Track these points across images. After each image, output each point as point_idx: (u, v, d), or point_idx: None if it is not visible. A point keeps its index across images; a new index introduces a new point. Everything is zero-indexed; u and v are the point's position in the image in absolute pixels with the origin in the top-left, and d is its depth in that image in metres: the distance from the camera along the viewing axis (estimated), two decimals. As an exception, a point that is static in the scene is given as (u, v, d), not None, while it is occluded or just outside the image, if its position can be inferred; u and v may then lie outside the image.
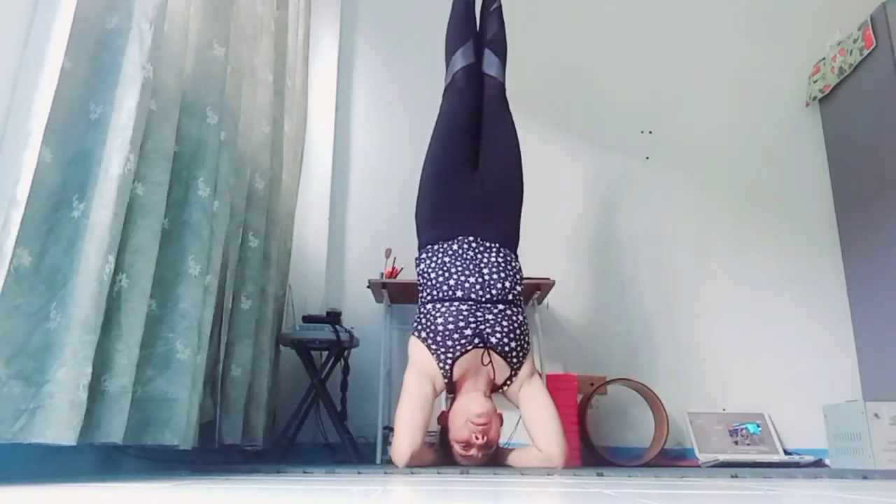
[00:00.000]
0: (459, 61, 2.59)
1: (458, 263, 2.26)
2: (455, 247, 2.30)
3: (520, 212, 2.48)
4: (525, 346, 2.21)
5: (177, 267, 1.64)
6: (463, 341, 2.13)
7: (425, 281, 2.29)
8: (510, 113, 2.60)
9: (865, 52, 3.07)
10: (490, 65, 2.64)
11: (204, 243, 1.71)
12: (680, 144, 3.48)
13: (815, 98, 3.46)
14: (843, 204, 3.30)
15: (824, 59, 3.38)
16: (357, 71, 3.54)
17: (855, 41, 3.14)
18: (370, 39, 3.59)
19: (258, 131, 2.35)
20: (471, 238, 2.31)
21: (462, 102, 2.55)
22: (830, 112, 3.41)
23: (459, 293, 2.19)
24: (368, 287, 2.85)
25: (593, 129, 3.49)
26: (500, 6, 2.76)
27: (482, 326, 2.15)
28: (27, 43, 1.36)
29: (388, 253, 2.93)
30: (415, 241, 2.44)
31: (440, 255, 2.30)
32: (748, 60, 3.59)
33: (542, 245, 3.19)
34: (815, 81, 3.45)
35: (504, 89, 2.63)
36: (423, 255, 2.35)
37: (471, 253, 2.28)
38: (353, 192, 3.35)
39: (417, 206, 2.46)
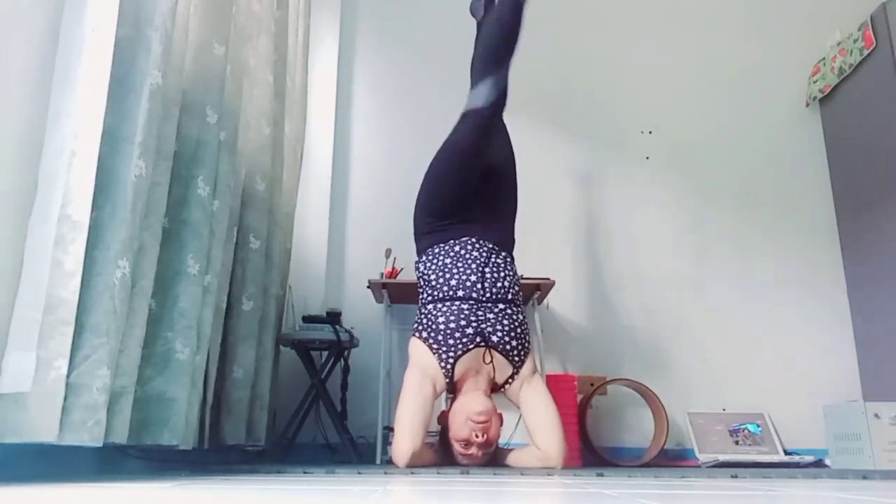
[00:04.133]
0: (492, 94, 2.43)
1: (459, 264, 2.26)
2: (457, 248, 2.31)
3: (514, 218, 2.52)
4: (526, 344, 2.22)
5: (176, 266, 1.64)
6: (465, 340, 2.13)
7: (426, 283, 2.29)
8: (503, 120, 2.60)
9: (865, 53, 3.06)
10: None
11: (203, 242, 1.71)
12: (680, 144, 3.48)
13: (815, 98, 3.46)
14: (843, 204, 3.30)
15: (824, 59, 3.38)
16: (357, 71, 3.53)
17: (855, 41, 3.14)
18: (370, 40, 3.58)
19: (259, 133, 2.35)
20: (473, 239, 2.33)
21: (481, 136, 2.44)
22: (830, 112, 3.41)
23: (460, 293, 2.19)
24: (368, 287, 2.85)
25: (593, 129, 3.49)
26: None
27: (483, 325, 2.16)
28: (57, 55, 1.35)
29: (388, 253, 2.93)
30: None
31: (441, 258, 2.30)
32: (748, 60, 3.59)
33: (542, 245, 3.19)
34: (815, 81, 3.45)
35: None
36: (423, 259, 2.36)
37: (474, 253, 2.29)
38: (353, 192, 3.35)
39: (417, 212, 2.44)
